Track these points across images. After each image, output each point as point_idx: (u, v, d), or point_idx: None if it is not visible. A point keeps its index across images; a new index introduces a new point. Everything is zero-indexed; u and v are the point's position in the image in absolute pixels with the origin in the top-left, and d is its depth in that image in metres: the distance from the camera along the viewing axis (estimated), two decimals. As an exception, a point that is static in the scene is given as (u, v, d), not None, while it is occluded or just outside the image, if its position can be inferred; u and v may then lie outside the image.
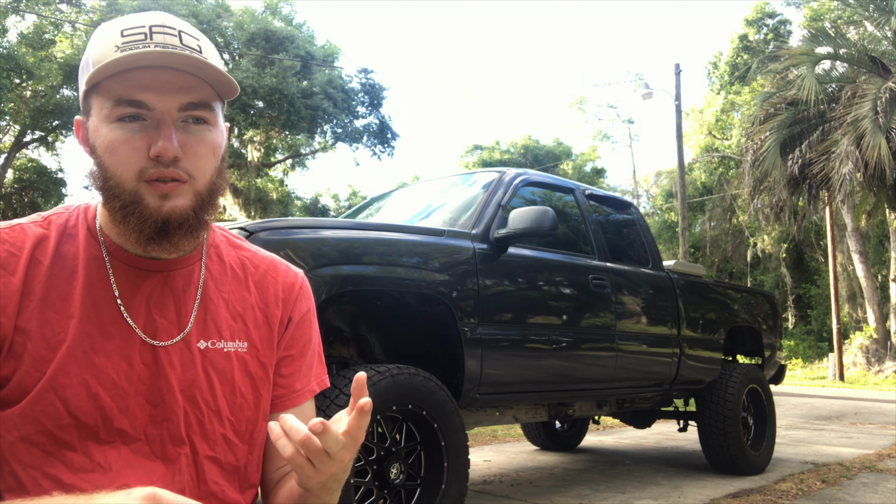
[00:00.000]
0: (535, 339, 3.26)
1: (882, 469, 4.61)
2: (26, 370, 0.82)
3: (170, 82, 0.83)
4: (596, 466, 4.83)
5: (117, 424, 0.85)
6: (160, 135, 0.83)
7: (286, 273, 1.04)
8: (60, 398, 0.82)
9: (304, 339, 1.04)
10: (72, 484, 0.81)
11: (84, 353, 0.84)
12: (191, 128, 0.86)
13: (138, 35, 0.84)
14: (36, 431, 0.81)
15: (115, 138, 0.83)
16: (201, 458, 0.90)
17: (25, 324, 0.83)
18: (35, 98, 19.65)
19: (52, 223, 0.90)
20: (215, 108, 0.89)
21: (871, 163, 11.44)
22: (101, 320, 0.86)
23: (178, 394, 0.89)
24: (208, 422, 0.91)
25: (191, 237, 0.88)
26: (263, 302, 1.00)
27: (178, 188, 0.85)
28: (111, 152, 0.84)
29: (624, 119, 34.82)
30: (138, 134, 0.83)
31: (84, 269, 0.88)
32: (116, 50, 0.83)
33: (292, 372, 1.01)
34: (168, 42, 0.84)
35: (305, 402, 1.03)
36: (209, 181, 0.88)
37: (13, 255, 0.85)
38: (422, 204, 3.91)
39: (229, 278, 0.98)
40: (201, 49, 0.87)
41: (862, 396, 12.51)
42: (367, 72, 22.83)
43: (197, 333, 0.92)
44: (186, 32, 0.87)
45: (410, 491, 2.61)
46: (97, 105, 0.85)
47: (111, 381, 0.85)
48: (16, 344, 0.82)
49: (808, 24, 16.71)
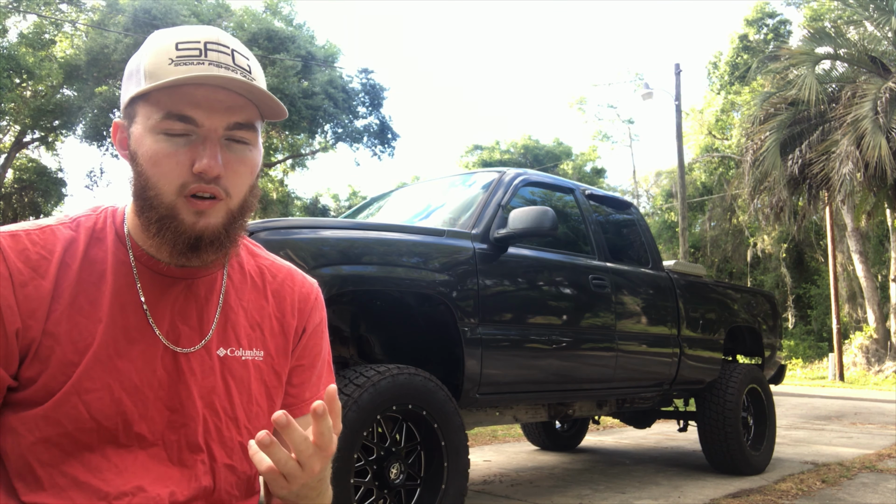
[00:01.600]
0: (535, 339, 3.26)
1: (882, 469, 4.61)
2: (52, 373, 0.82)
3: (220, 101, 0.84)
4: (596, 466, 4.83)
5: (136, 429, 0.85)
6: (206, 152, 0.84)
7: (302, 284, 1.06)
8: (84, 402, 0.82)
9: (316, 350, 1.05)
10: (87, 482, 0.82)
11: (109, 358, 0.85)
12: (234, 147, 0.87)
13: (193, 50, 0.84)
14: (57, 433, 0.82)
15: (160, 150, 0.84)
16: (219, 465, 0.91)
17: (54, 327, 0.83)
18: (35, 98, 19.67)
19: (81, 226, 0.90)
20: (258, 128, 0.90)
21: (871, 163, 11.44)
22: (127, 325, 0.87)
23: (197, 400, 0.90)
24: (226, 429, 0.92)
25: (220, 253, 0.89)
26: (280, 311, 1.01)
27: (215, 206, 0.86)
28: (154, 163, 0.84)
29: (624, 119, 34.88)
30: (183, 148, 0.84)
31: (112, 273, 0.88)
32: (171, 63, 0.83)
33: (303, 381, 1.03)
34: (222, 61, 0.85)
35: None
36: (243, 199, 0.89)
37: (44, 258, 0.85)
38: (422, 204, 3.91)
39: (249, 287, 0.99)
40: (251, 69, 0.88)
41: (862, 396, 12.50)
42: (367, 72, 22.87)
43: (217, 341, 0.93)
44: (238, 52, 0.88)
45: (410, 491, 2.61)
46: (144, 114, 0.85)
47: (134, 386, 0.85)
48: (43, 347, 0.82)
49: (808, 24, 16.69)
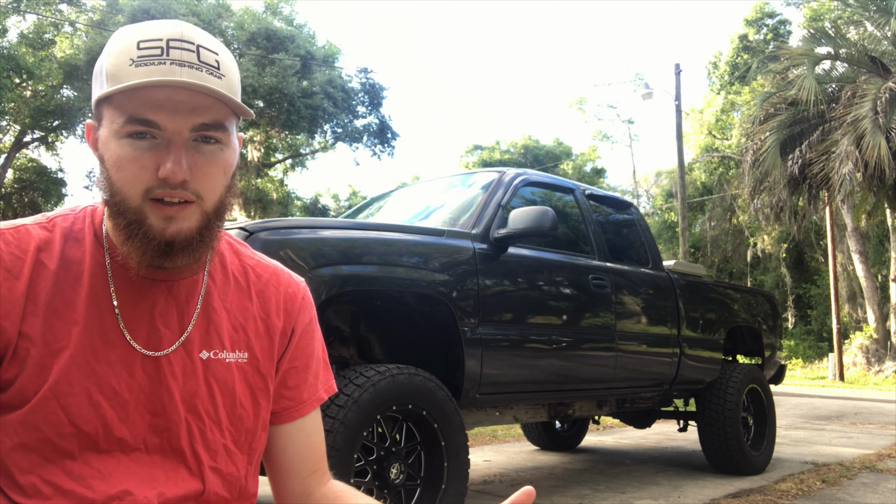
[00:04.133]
0: (535, 339, 3.26)
1: (882, 469, 4.61)
2: (28, 375, 0.81)
3: (183, 102, 0.81)
4: (596, 466, 4.83)
5: (117, 433, 0.84)
6: (170, 156, 0.81)
7: (288, 283, 1.03)
8: (62, 406, 0.81)
9: (309, 350, 1.04)
10: (72, 490, 0.81)
11: (87, 362, 0.83)
12: (202, 147, 0.84)
13: (154, 49, 0.81)
14: (36, 439, 0.81)
15: (124, 155, 0.82)
16: (205, 468, 0.90)
17: (29, 329, 0.82)
18: (35, 98, 19.66)
19: (57, 226, 0.89)
20: (229, 126, 0.86)
21: (871, 163, 11.44)
22: (105, 329, 0.86)
23: (179, 404, 0.88)
24: (210, 432, 0.91)
25: (194, 257, 0.87)
26: (265, 312, 0.99)
27: (185, 210, 0.83)
28: (118, 168, 0.82)
29: (624, 119, 34.81)
30: (147, 153, 0.82)
31: (89, 276, 0.87)
32: (131, 64, 0.81)
33: (298, 383, 1.01)
34: (185, 59, 0.81)
35: (313, 410, 1.03)
36: (218, 200, 0.87)
37: (18, 258, 0.83)
38: (422, 204, 3.91)
39: (232, 288, 0.97)
40: (219, 65, 0.84)
41: (862, 396, 12.51)
42: (367, 72, 22.87)
43: (199, 343, 0.92)
44: (205, 46, 0.84)
45: (410, 491, 2.61)
46: (108, 117, 0.83)
47: (112, 390, 0.84)
48: (20, 349, 0.81)
49: (808, 24, 16.71)
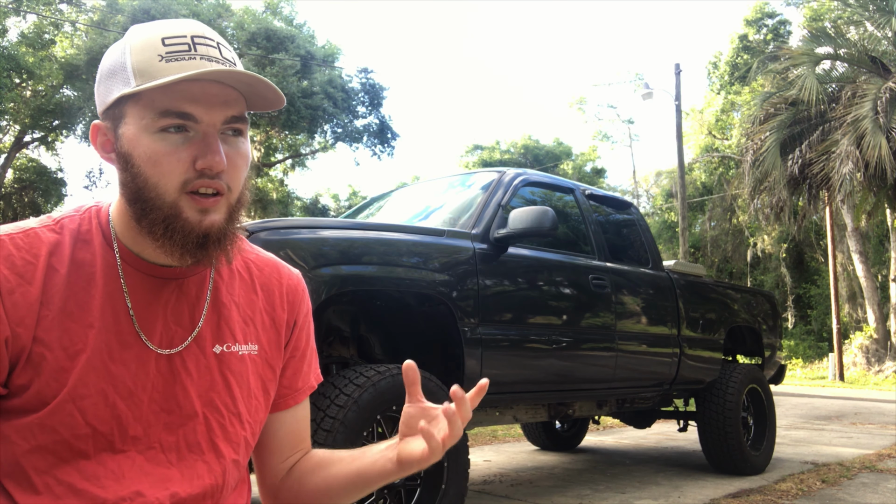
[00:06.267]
0: (535, 339, 3.26)
1: (882, 469, 4.61)
2: (45, 380, 0.81)
3: (216, 95, 0.83)
4: (596, 466, 4.83)
5: (132, 432, 0.84)
6: (208, 147, 0.82)
7: (289, 276, 1.05)
8: (79, 408, 0.81)
9: (306, 340, 1.06)
10: (84, 490, 0.81)
11: (103, 364, 0.83)
12: (230, 140, 0.86)
13: (181, 45, 0.82)
14: (52, 441, 0.81)
15: (159, 149, 0.82)
16: (227, 461, 0.91)
17: (44, 334, 0.81)
18: (35, 98, 19.66)
19: (65, 227, 0.88)
20: (248, 119, 0.90)
21: (871, 163, 11.45)
22: (119, 329, 0.86)
23: (195, 400, 0.89)
24: (230, 425, 0.91)
25: (225, 250, 0.87)
26: (270, 304, 1.01)
27: (218, 202, 0.85)
28: (154, 163, 0.82)
29: (624, 119, 34.83)
30: (183, 146, 0.82)
31: (102, 276, 0.86)
32: (161, 59, 0.81)
33: (295, 372, 1.04)
34: (211, 55, 0.83)
35: (305, 399, 1.06)
36: (240, 193, 0.88)
37: (30, 262, 0.83)
38: (422, 204, 3.91)
39: (238, 282, 0.99)
40: (235, 62, 0.87)
41: (862, 396, 12.51)
42: (367, 72, 22.87)
43: (211, 338, 0.92)
44: (222, 45, 0.86)
45: (410, 491, 2.61)
46: (135, 114, 0.83)
47: (128, 390, 0.85)
48: (34, 354, 0.81)
49: (808, 24, 16.70)
